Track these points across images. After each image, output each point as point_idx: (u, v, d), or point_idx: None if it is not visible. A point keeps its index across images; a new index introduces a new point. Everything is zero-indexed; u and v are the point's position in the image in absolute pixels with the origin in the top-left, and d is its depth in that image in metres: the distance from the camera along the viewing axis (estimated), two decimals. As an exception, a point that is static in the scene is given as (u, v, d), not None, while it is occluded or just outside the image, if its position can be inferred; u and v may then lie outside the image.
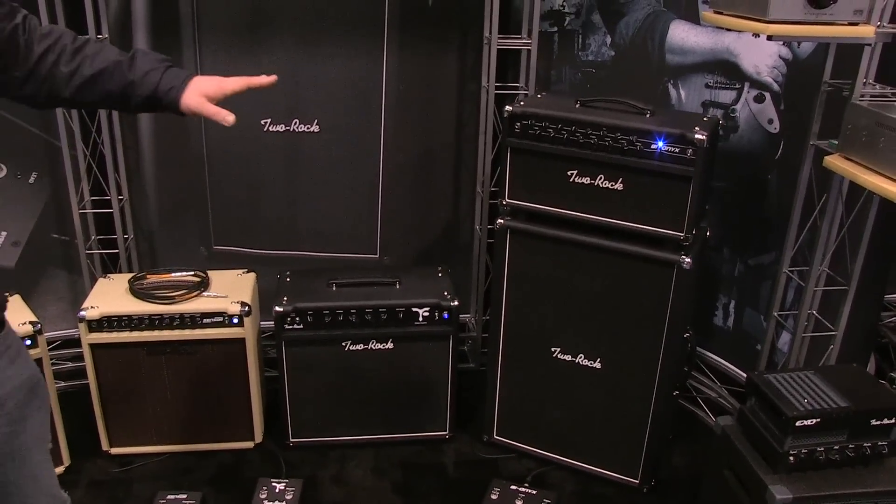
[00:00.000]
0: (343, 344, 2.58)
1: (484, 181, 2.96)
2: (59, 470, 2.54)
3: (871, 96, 2.21)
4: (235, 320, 2.51)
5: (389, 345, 2.59)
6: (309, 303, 2.53)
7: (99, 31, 2.62)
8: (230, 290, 2.60)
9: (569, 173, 2.31)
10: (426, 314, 2.57)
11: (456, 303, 2.57)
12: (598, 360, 2.48)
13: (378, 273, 2.74)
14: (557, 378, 2.55)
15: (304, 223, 3.06)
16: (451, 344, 2.61)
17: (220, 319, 2.51)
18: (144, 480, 2.58)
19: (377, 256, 3.12)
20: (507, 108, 2.34)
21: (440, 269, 2.77)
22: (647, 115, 2.26)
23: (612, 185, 2.27)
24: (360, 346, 2.59)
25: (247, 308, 2.52)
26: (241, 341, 2.54)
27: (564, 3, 2.90)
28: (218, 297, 2.57)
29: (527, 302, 2.51)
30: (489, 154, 2.91)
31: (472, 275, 3.16)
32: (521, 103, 2.35)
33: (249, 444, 2.70)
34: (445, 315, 2.57)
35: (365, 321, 2.55)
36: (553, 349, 2.52)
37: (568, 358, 2.51)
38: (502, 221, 2.45)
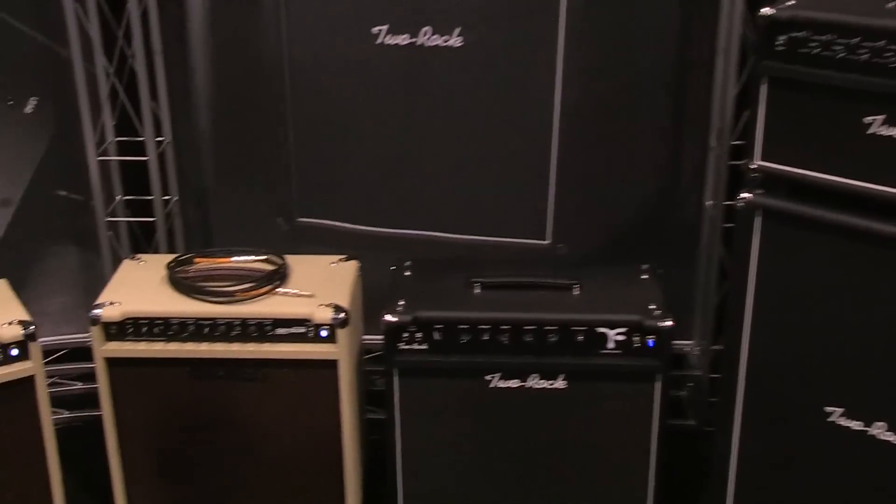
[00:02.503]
0: (487, 378, 2.58)
1: (722, 130, 2.90)
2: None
3: None
4: (324, 333, 2.52)
5: (560, 383, 2.59)
6: (438, 311, 2.55)
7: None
8: (319, 285, 2.61)
9: (867, 120, 2.20)
10: (620, 338, 2.56)
11: (668, 323, 2.55)
12: (906, 430, 2.42)
13: (547, 270, 2.75)
14: (836, 455, 2.46)
15: (434, 189, 3.06)
16: (657, 387, 2.59)
17: (302, 330, 2.53)
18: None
19: (547, 243, 3.09)
20: (765, 10, 2.26)
21: (645, 268, 2.77)
22: None
23: (941, 138, 2.22)
24: (513, 383, 2.59)
25: (342, 315, 2.52)
26: (331, 365, 2.56)
27: None
28: (300, 295, 2.58)
29: (787, 328, 2.45)
30: (732, 87, 2.86)
31: (698, 280, 3.13)
32: (791, 2, 2.28)
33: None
34: (650, 342, 2.55)
35: (523, 344, 2.54)
36: (829, 409, 2.45)
37: (855, 425, 2.42)
38: (750, 196, 2.40)
